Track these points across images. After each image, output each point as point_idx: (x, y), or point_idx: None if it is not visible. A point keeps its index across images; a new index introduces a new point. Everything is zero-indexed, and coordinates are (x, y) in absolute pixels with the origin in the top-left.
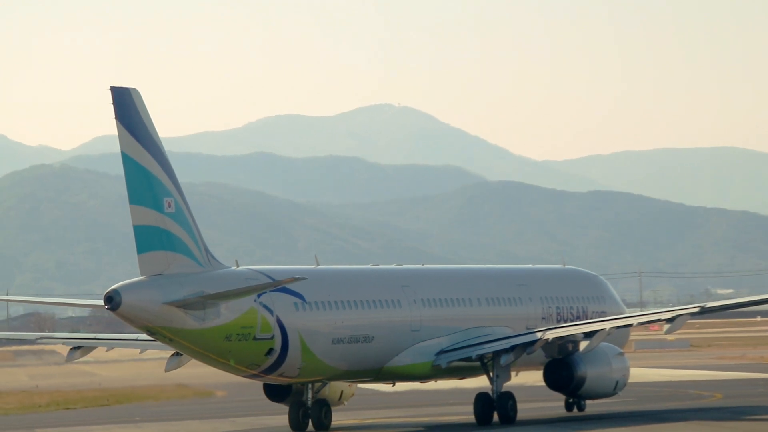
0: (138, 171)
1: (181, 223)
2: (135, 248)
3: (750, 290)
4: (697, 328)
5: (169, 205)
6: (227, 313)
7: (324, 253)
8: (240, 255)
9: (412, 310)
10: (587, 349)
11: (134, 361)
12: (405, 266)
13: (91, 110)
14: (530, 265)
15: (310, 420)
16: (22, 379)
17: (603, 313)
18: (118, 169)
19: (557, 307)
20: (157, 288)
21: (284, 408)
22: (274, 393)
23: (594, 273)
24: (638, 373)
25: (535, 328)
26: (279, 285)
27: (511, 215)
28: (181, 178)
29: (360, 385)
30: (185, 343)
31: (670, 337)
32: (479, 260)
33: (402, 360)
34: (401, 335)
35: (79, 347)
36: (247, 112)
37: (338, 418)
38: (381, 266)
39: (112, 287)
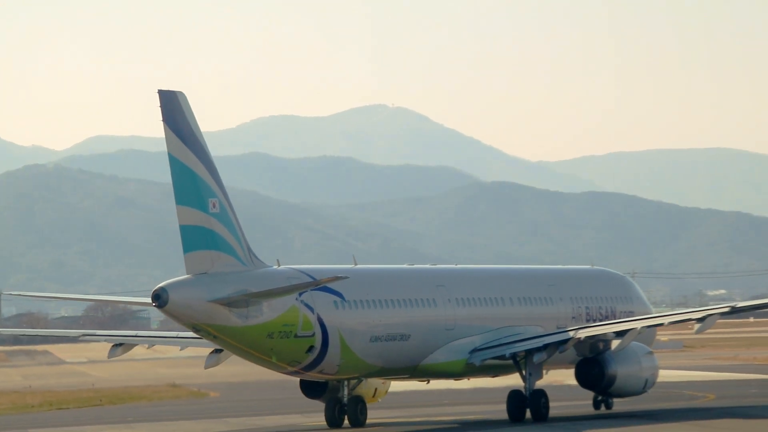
0: (184, 172)
1: (225, 223)
2: (129, 249)
3: (743, 291)
4: (690, 328)
5: (214, 206)
6: (270, 311)
7: (319, 253)
8: None
9: (447, 309)
10: (619, 348)
11: (128, 362)
12: (439, 266)
13: (84, 110)
14: (560, 266)
15: (345, 416)
16: (15, 380)
17: (631, 313)
18: (112, 169)
19: (586, 307)
20: (203, 286)
21: (277, 407)
22: (311, 390)
23: (621, 274)
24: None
25: (565, 327)
26: (321, 284)
27: (506, 216)
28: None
29: (394, 383)
30: (229, 340)
31: (664, 338)
32: (475, 261)
33: (437, 358)
34: (436, 333)
35: (120, 344)
36: (241, 113)
37: (373, 416)
38: (416, 266)
39: (160, 285)
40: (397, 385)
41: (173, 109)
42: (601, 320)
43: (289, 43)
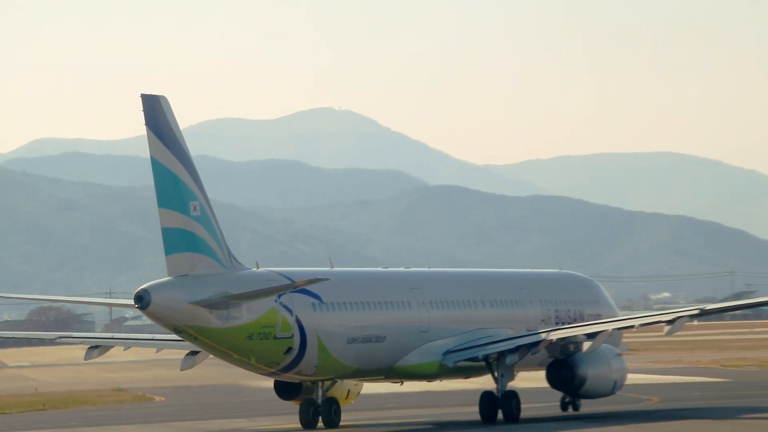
0: (166, 175)
1: (206, 226)
2: (73, 251)
3: (688, 295)
4: (635, 332)
5: (195, 209)
6: (249, 313)
7: (265, 257)
8: None
9: (421, 312)
10: (590, 350)
11: (73, 366)
12: (413, 269)
13: (28, 113)
14: (529, 269)
15: (320, 417)
16: None
17: (598, 316)
18: (56, 172)
19: (556, 310)
20: (184, 288)
21: (223, 411)
22: (285, 391)
23: (589, 277)
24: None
25: (535, 329)
26: (300, 286)
27: (453, 219)
28: (122, 181)
29: (367, 385)
30: (209, 342)
31: None
32: (421, 265)
33: (411, 359)
34: (411, 335)
35: (97, 346)
36: (187, 116)
37: (346, 417)
38: (391, 269)
39: (142, 287)
40: (370, 387)
41: (155, 112)
42: (569, 323)
43: (236, 46)
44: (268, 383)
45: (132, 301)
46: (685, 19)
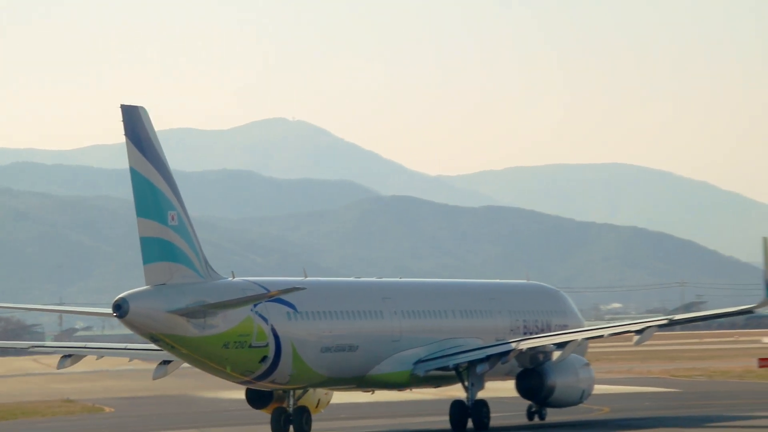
0: (145, 185)
1: (183, 236)
2: (23, 262)
3: (639, 305)
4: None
5: (173, 218)
6: (225, 322)
7: (217, 268)
8: (133, 268)
9: (393, 321)
10: (560, 359)
11: (21, 377)
12: (384, 279)
13: None
14: (498, 280)
15: (291, 426)
16: None
17: (565, 326)
18: (7, 182)
19: (524, 320)
20: (162, 297)
21: (172, 423)
22: (256, 400)
23: (556, 288)
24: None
25: (504, 339)
26: (276, 295)
27: (406, 230)
28: (73, 191)
29: (338, 394)
30: (186, 351)
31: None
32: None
33: (383, 369)
34: (383, 345)
35: (69, 355)
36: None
37: (317, 426)
38: (362, 279)
39: (120, 296)
40: (340, 397)
41: (135, 123)
42: (537, 333)
43: (189, 55)
44: (220, 394)
45: (110, 310)
46: (635, 32)
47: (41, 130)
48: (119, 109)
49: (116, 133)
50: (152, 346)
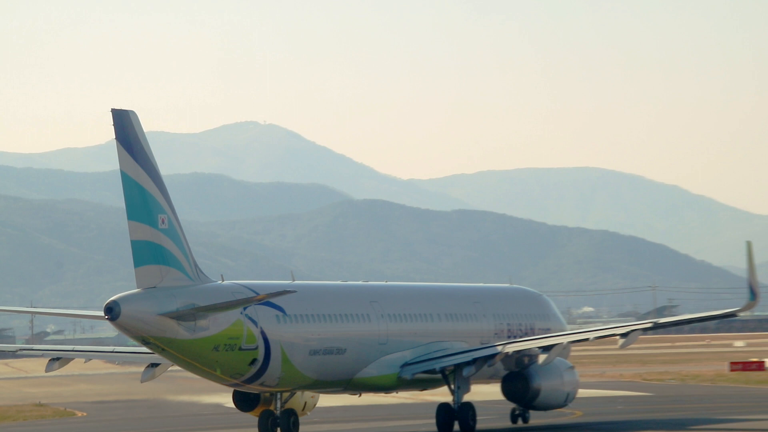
0: (135, 189)
1: (174, 239)
2: None
3: (610, 309)
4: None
5: (163, 222)
6: (216, 325)
7: None
8: (104, 272)
9: (380, 325)
10: (546, 362)
11: None
12: (371, 282)
13: None
14: (482, 284)
15: (278, 429)
16: None
17: (548, 330)
18: None
19: (508, 324)
20: (153, 300)
21: (145, 427)
22: (244, 402)
23: (539, 292)
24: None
25: (489, 343)
26: (268, 298)
27: (377, 233)
28: (43, 195)
29: (325, 398)
30: (176, 353)
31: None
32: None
33: (370, 372)
34: (370, 348)
35: (58, 358)
36: (110, 129)
37: (304, 429)
38: (350, 282)
39: (112, 298)
40: (327, 400)
41: (125, 127)
42: (521, 336)
43: (159, 58)
44: (192, 398)
45: (101, 313)
46: (603, 36)
47: (11, 133)
48: (99, 113)
49: (86, 137)
50: (140, 349)
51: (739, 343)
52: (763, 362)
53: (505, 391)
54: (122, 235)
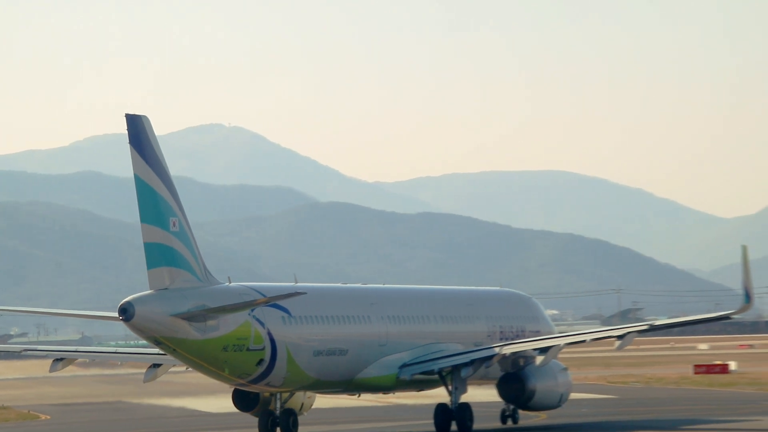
0: (148, 192)
1: (184, 241)
2: None
3: (575, 311)
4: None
5: (174, 225)
6: (225, 326)
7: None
8: (67, 275)
9: (380, 326)
10: (543, 363)
11: None
12: (369, 285)
13: None
14: (474, 287)
15: (278, 428)
16: None
17: (538, 332)
18: None
19: (500, 326)
20: (165, 301)
21: (109, 429)
22: (243, 402)
23: (528, 295)
24: (467, 395)
25: (482, 344)
26: (277, 300)
27: (343, 236)
28: (6, 197)
29: (321, 399)
30: (186, 353)
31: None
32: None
33: (370, 372)
34: (370, 349)
35: (62, 359)
36: (74, 131)
37: (303, 430)
38: (349, 285)
39: (126, 299)
40: (322, 401)
41: (139, 132)
42: (512, 338)
43: (123, 61)
44: (156, 400)
45: (114, 314)
46: (568, 41)
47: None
48: (63, 114)
49: (50, 138)
50: (141, 350)
51: (702, 346)
52: (726, 365)
53: (501, 392)
54: (86, 238)
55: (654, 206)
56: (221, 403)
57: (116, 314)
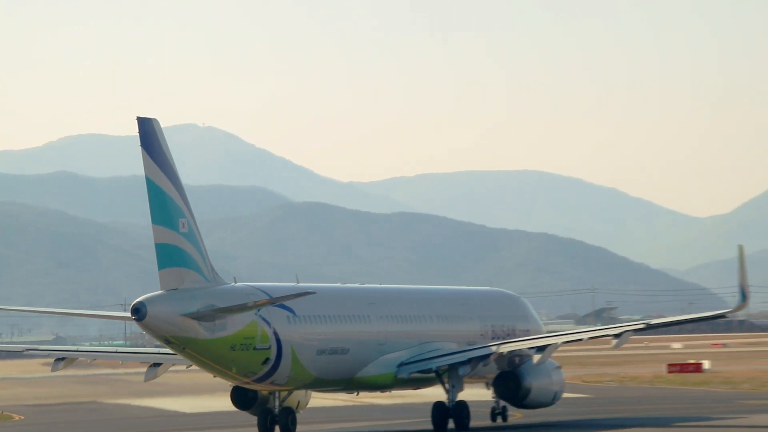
0: (159, 194)
1: (193, 242)
2: None
3: (550, 311)
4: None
5: (183, 226)
6: (233, 325)
7: (127, 274)
8: (42, 275)
9: (379, 326)
10: (540, 362)
11: None
12: (367, 285)
13: None
14: (466, 287)
15: (277, 426)
16: None
17: (528, 331)
18: None
19: (492, 325)
20: (176, 301)
21: (84, 430)
22: (242, 401)
23: (517, 294)
24: (437, 393)
25: (475, 343)
26: (283, 300)
27: (318, 236)
28: None
29: (315, 397)
30: (195, 353)
31: None
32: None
33: (369, 371)
34: (370, 348)
35: (63, 358)
36: (47, 131)
37: (301, 429)
38: (348, 285)
39: (138, 299)
40: (319, 400)
41: (150, 135)
42: (503, 338)
43: (96, 61)
44: (129, 401)
45: (127, 314)
46: (544, 41)
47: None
48: (36, 115)
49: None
50: (141, 349)
51: (676, 345)
52: (700, 364)
53: (497, 390)
54: (61, 238)
55: (628, 206)
56: (196, 402)
57: (128, 314)
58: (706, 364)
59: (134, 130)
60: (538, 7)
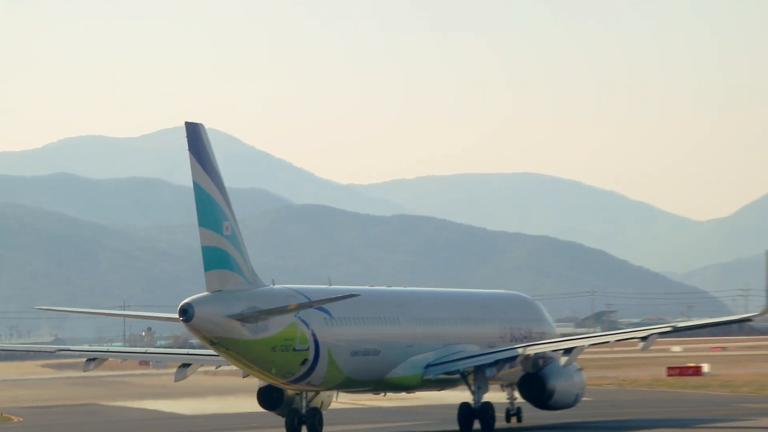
0: (205, 198)
1: (235, 245)
2: None
3: (549, 314)
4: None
5: (227, 229)
6: (274, 327)
7: (127, 276)
8: (41, 277)
9: (408, 328)
10: (566, 364)
11: None
12: (393, 288)
13: None
14: (483, 290)
15: (304, 426)
16: None
17: (543, 334)
18: None
19: (510, 328)
20: (222, 302)
21: (80, 431)
22: (268, 401)
23: (532, 298)
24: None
25: (495, 346)
26: (326, 303)
27: (317, 238)
28: None
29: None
30: (237, 353)
31: None
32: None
33: (398, 372)
34: (399, 349)
35: (94, 359)
36: (47, 133)
37: (327, 429)
38: (376, 287)
39: (186, 300)
40: (347, 400)
41: (197, 139)
42: (520, 340)
43: (98, 62)
44: (128, 403)
45: (175, 315)
46: (545, 43)
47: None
48: (37, 116)
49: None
50: (170, 350)
51: (676, 349)
52: (699, 367)
53: (523, 392)
54: (60, 240)
55: (628, 209)
56: (196, 405)
57: (175, 315)
58: (706, 368)
59: (134, 132)
60: (538, 7)
